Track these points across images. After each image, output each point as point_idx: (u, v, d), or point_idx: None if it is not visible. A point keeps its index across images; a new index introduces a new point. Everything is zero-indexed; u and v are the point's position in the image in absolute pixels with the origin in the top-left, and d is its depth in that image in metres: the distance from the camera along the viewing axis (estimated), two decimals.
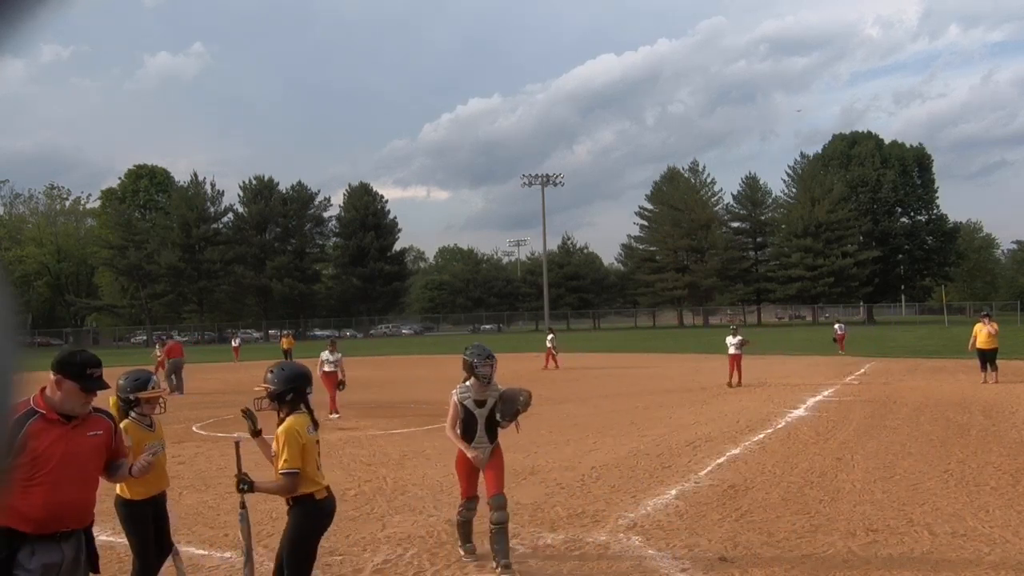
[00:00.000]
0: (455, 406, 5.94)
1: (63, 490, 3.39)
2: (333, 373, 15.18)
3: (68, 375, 3.43)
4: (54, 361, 3.46)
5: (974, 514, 6.82)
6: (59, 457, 3.36)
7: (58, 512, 3.38)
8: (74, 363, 3.47)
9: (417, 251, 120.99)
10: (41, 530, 3.32)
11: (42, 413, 3.38)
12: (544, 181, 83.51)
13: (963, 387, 17.14)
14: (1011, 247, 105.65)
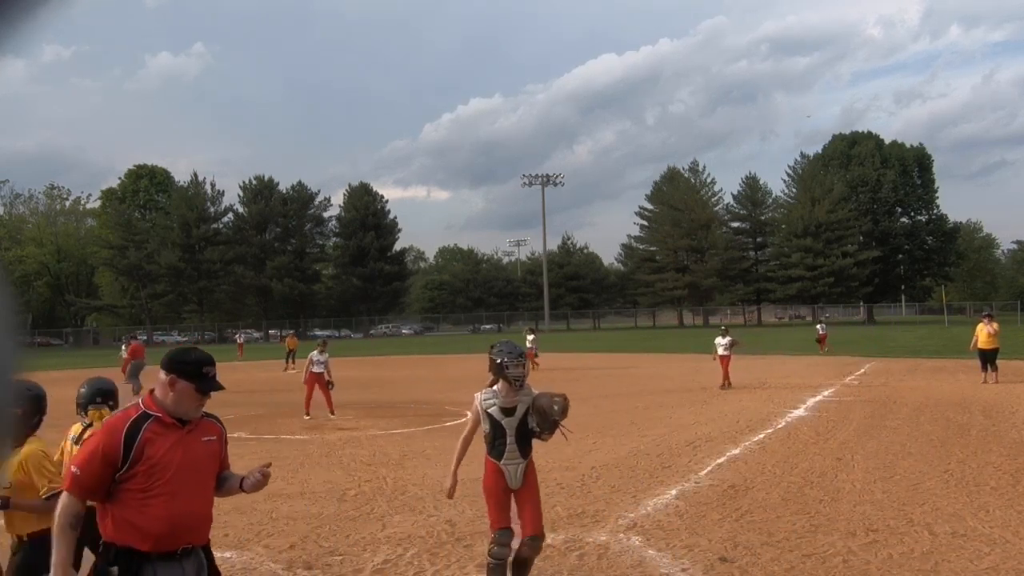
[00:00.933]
0: (476, 414, 5.11)
1: (183, 501, 3.13)
2: (320, 374, 15.13)
3: (182, 375, 3.19)
4: (166, 360, 3.22)
5: (974, 514, 6.82)
6: (177, 465, 3.09)
7: (179, 526, 3.11)
8: (189, 362, 3.26)
9: (417, 251, 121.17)
10: (161, 547, 3.05)
11: (157, 416, 3.11)
12: (544, 181, 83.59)
13: (963, 387, 17.14)
14: (1011, 247, 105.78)
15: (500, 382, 5.01)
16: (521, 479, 5.07)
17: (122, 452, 2.97)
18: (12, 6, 0.80)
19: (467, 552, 6.11)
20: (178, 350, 3.37)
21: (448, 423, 14.01)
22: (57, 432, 14.78)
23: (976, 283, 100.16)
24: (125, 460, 2.97)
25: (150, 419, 3.08)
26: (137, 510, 2.99)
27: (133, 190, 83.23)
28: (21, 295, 76.10)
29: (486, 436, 5.06)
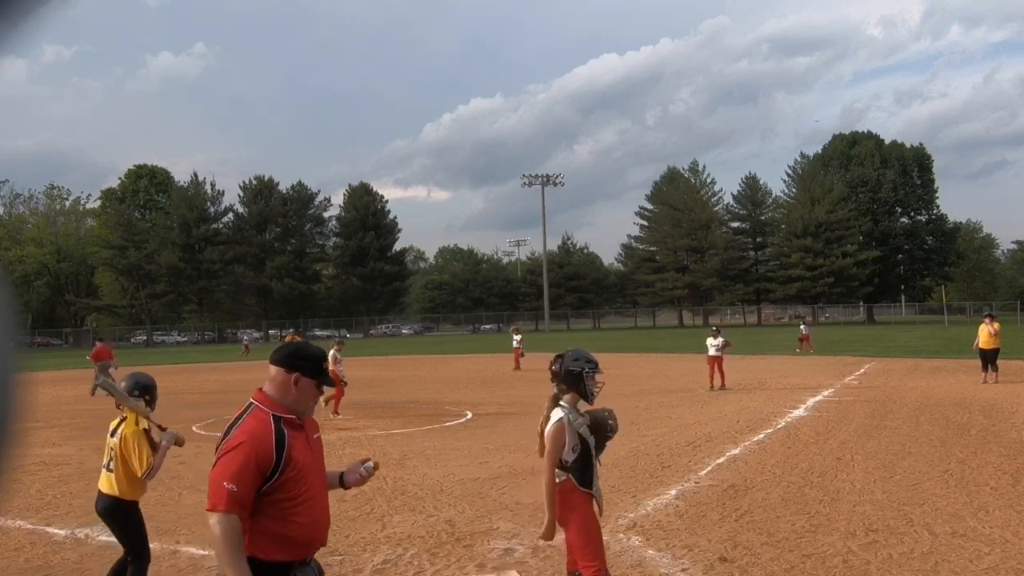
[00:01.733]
0: (563, 434, 4.18)
1: (317, 506, 2.98)
2: (336, 372, 15.27)
3: (306, 372, 2.97)
4: (285, 355, 3.01)
5: (974, 514, 6.82)
6: (309, 467, 2.93)
7: (317, 533, 3.00)
8: (310, 357, 3.04)
9: (417, 251, 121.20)
10: (303, 556, 2.95)
11: (287, 417, 2.91)
12: (544, 181, 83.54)
13: (963, 387, 17.14)
14: (1011, 247, 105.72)
15: (571, 395, 4.29)
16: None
17: (275, 460, 2.77)
18: (13, 6, 0.80)
19: (467, 552, 6.11)
20: (295, 346, 3.15)
21: (448, 423, 14.00)
22: (57, 432, 14.74)
23: (976, 283, 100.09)
24: (276, 468, 2.78)
25: (281, 421, 2.88)
26: (283, 520, 2.81)
27: (133, 190, 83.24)
28: (21, 295, 76.10)
29: (570, 463, 4.22)
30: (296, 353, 3.03)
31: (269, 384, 2.97)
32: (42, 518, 7.52)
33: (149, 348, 71.18)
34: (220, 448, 2.81)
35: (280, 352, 3.04)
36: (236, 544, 2.68)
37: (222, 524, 2.68)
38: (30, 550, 6.45)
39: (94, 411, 17.38)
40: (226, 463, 2.75)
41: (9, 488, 3.33)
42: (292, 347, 3.11)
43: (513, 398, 17.80)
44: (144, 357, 49.01)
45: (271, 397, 2.93)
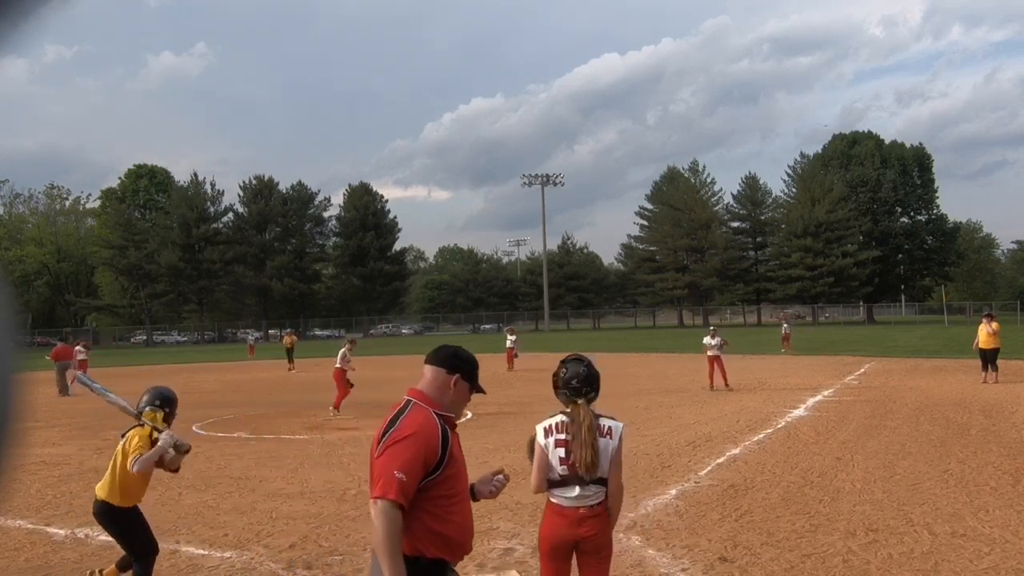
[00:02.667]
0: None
1: (468, 507, 2.96)
2: (344, 370, 15.39)
3: (465, 375, 2.96)
4: (447, 357, 2.98)
5: (974, 514, 6.82)
6: (462, 468, 2.93)
7: (469, 534, 2.95)
8: (470, 361, 3.02)
9: (417, 251, 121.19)
10: (459, 556, 2.90)
11: (446, 415, 2.91)
12: (544, 181, 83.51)
13: (963, 387, 17.14)
14: (1011, 247, 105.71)
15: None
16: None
17: (439, 455, 2.78)
18: (14, 6, 0.80)
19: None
20: (454, 348, 3.08)
21: None
22: (57, 432, 14.73)
23: (976, 283, 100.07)
24: (440, 464, 2.78)
25: (443, 419, 2.89)
26: (441, 519, 2.80)
27: (133, 190, 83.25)
28: (21, 295, 76.11)
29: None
30: (458, 355, 3.01)
31: (427, 384, 2.96)
32: (42, 518, 7.52)
33: (149, 348, 71.19)
34: (386, 439, 2.78)
35: (441, 353, 3.02)
36: (398, 536, 2.66)
37: (388, 513, 2.65)
38: (30, 550, 6.45)
39: (94, 411, 17.38)
40: (396, 452, 2.72)
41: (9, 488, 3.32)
42: (452, 349, 3.05)
43: (512, 398, 17.80)
44: (144, 357, 49.02)
45: (430, 396, 2.92)
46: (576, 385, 3.85)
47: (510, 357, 26.84)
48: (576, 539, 3.67)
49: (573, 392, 3.85)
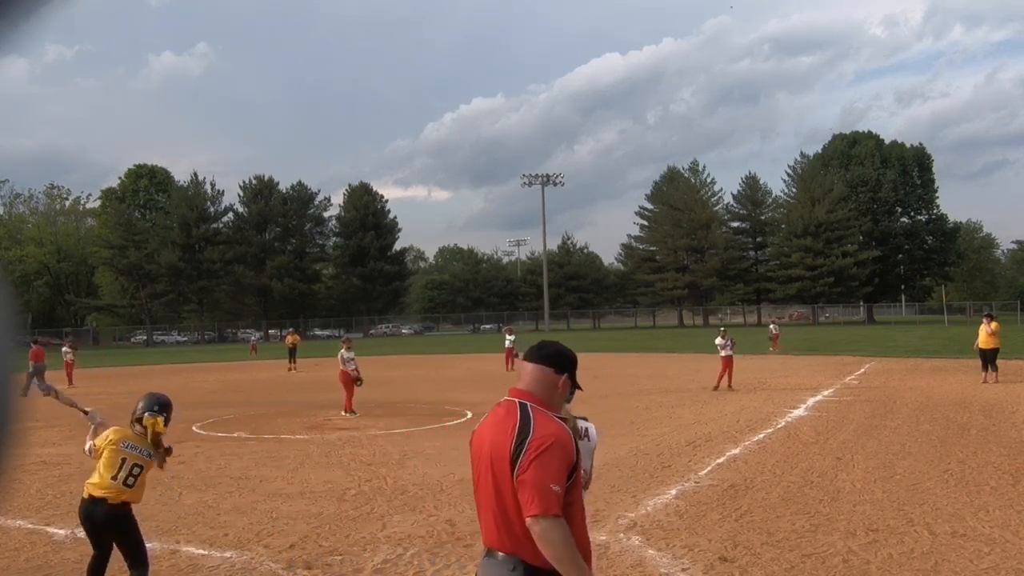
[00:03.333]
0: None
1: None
2: (348, 371, 15.34)
3: (571, 374, 2.83)
4: (553, 355, 2.82)
5: (974, 514, 6.82)
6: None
7: (589, 542, 2.81)
8: (574, 359, 2.89)
9: (417, 251, 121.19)
10: (589, 564, 2.72)
11: (561, 418, 2.77)
12: (544, 181, 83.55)
13: (963, 387, 17.14)
14: (1011, 247, 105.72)
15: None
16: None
17: (574, 461, 2.66)
18: (15, 5, 0.80)
19: (467, 552, 6.11)
20: (559, 345, 2.89)
21: (448, 423, 14.01)
22: (57, 432, 14.70)
23: (976, 283, 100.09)
24: (572, 470, 2.66)
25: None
26: (573, 525, 2.65)
27: (133, 190, 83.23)
28: (21, 295, 76.13)
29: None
30: (564, 354, 2.86)
31: (535, 384, 2.77)
32: (42, 518, 7.52)
33: (149, 348, 71.21)
34: (527, 449, 2.58)
35: (547, 351, 2.84)
36: (575, 546, 2.56)
37: (559, 528, 2.52)
38: (30, 550, 6.45)
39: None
40: (546, 464, 2.56)
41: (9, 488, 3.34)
42: (557, 346, 2.89)
43: None
44: (144, 357, 49.02)
45: (542, 398, 2.75)
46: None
47: (509, 357, 26.84)
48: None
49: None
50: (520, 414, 2.69)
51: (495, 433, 2.71)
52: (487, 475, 2.70)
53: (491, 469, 2.67)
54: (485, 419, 2.85)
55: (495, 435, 2.70)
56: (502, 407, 2.77)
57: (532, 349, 2.88)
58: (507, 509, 2.62)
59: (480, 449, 2.77)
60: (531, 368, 2.81)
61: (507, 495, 2.61)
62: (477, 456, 2.79)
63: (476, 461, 2.79)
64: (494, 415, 2.78)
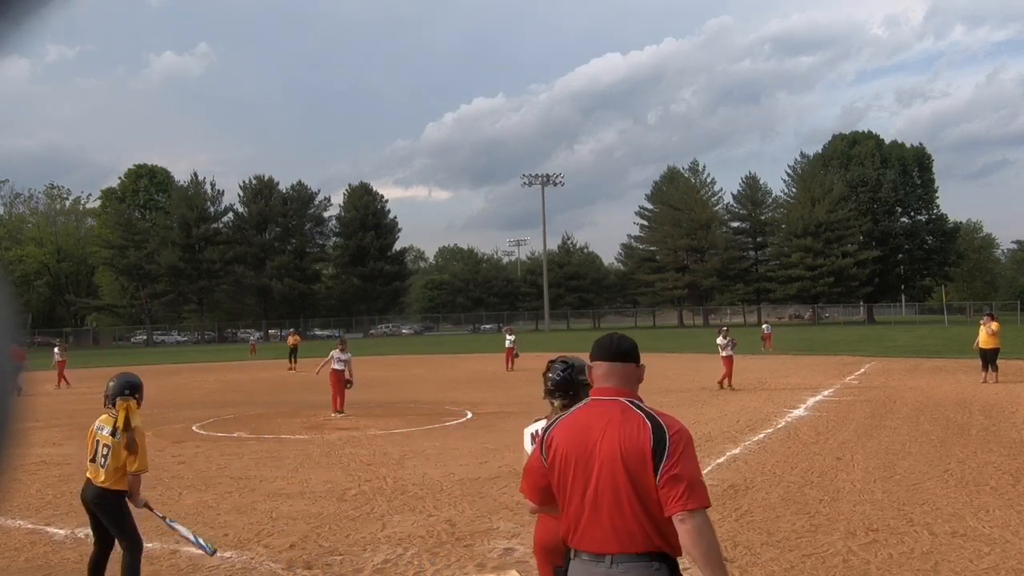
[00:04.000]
0: None
1: None
2: (340, 371, 15.29)
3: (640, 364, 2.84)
4: (632, 348, 2.79)
5: (974, 514, 6.82)
6: None
7: None
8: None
9: (417, 251, 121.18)
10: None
11: None
12: (544, 181, 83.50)
13: (963, 387, 17.15)
14: (1011, 247, 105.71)
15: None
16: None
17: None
18: (15, 5, 0.80)
19: (467, 552, 6.11)
20: (624, 337, 2.85)
21: (448, 423, 14.01)
22: (57, 432, 14.67)
23: (976, 283, 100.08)
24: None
25: None
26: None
27: (133, 190, 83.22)
28: (21, 295, 76.13)
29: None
30: (636, 346, 2.84)
31: (625, 381, 2.75)
32: (42, 518, 7.52)
33: (149, 348, 71.20)
34: (671, 445, 2.55)
35: (625, 346, 2.79)
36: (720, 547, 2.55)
37: (709, 522, 2.51)
38: (30, 550, 6.45)
39: (94, 411, 17.38)
40: (691, 457, 2.57)
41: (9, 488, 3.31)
42: (629, 340, 2.84)
43: (513, 398, 17.80)
44: (144, 357, 49.01)
45: (635, 392, 2.77)
46: (550, 388, 3.82)
47: (509, 357, 26.82)
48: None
49: (549, 394, 3.83)
50: (643, 413, 2.67)
51: (623, 434, 2.59)
52: (609, 478, 2.56)
53: (623, 471, 2.55)
54: (576, 422, 2.69)
55: (623, 436, 2.59)
56: (612, 408, 2.66)
57: (605, 347, 2.77)
58: (648, 508, 2.52)
59: (586, 453, 2.61)
60: (617, 366, 2.75)
61: (645, 493, 2.52)
62: (582, 460, 2.61)
63: (579, 466, 2.62)
64: (600, 417, 2.65)
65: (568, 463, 2.64)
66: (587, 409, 2.72)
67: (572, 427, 2.70)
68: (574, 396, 3.70)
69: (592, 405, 2.73)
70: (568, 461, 2.64)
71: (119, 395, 5.13)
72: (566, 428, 2.71)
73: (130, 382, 5.24)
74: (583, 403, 2.78)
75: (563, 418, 2.77)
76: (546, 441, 2.74)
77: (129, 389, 5.18)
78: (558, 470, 2.67)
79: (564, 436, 2.69)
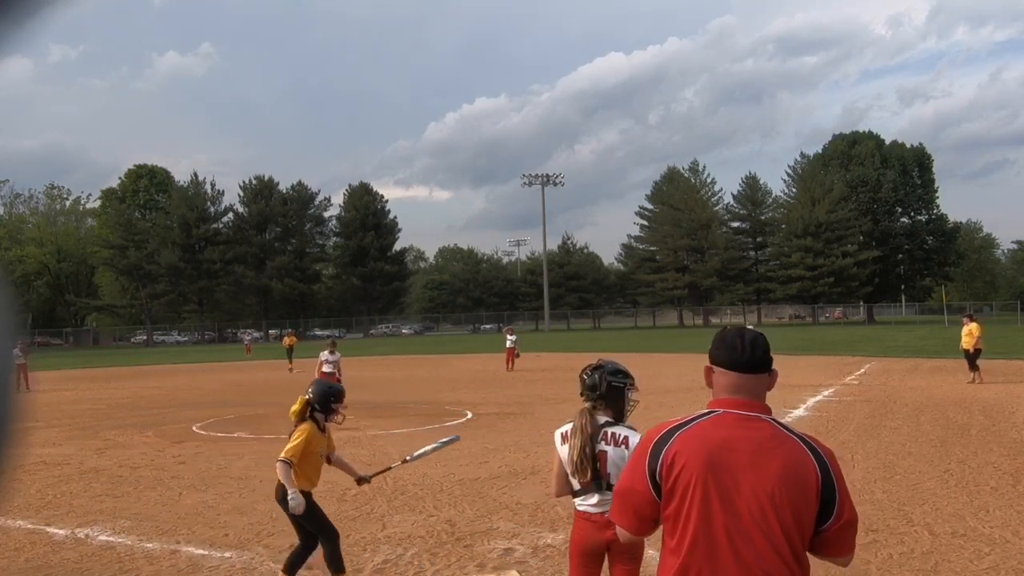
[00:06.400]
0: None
1: None
2: (331, 374, 15.22)
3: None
4: (766, 355, 2.33)
5: (974, 514, 6.82)
6: None
7: None
8: None
9: (417, 251, 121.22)
10: None
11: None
12: (544, 181, 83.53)
13: (963, 387, 17.15)
14: (1011, 247, 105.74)
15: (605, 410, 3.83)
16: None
17: None
18: (18, 5, 0.80)
19: (467, 552, 6.11)
20: (760, 334, 2.43)
21: (448, 423, 14.01)
22: (57, 432, 14.65)
23: (976, 283, 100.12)
24: None
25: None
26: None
27: (133, 190, 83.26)
28: (21, 295, 76.12)
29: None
30: (769, 347, 2.43)
31: (760, 393, 2.31)
32: (42, 518, 7.52)
33: (149, 348, 71.20)
34: (838, 486, 2.18)
35: (761, 351, 2.32)
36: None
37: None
38: (30, 550, 6.45)
39: (94, 411, 17.39)
40: (850, 496, 2.26)
41: (9, 488, 3.34)
42: (763, 340, 2.41)
43: (512, 398, 17.80)
44: (144, 357, 49.01)
45: (766, 404, 2.34)
46: (582, 390, 3.91)
47: (510, 357, 26.81)
48: (607, 542, 3.65)
49: (583, 395, 3.91)
50: (797, 438, 2.24)
51: (782, 465, 2.17)
52: (759, 514, 2.14)
53: (778, 508, 2.14)
54: (708, 440, 2.22)
55: (783, 468, 2.16)
56: (758, 428, 2.23)
57: (739, 354, 2.31)
58: (797, 550, 2.16)
59: (729, 481, 2.18)
60: (753, 378, 2.30)
61: (801, 534, 2.16)
62: (723, 490, 2.18)
63: (715, 495, 2.18)
64: (744, 438, 2.21)
65: (701, 492, 2.18)
66: (721, 425, 2.24)
67: (703, 446, 2.21)
68: (600, 397, 3.80)
69: (727, 421, 2.24)
70: (701, 490, 2.18)
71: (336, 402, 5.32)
72: (695, 447, 2.22)
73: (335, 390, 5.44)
74: (709, 416, 2.29)
75: (683, 432, 2.27)
76: (663, 459, 2.24)
77: (333, 397, 5.35)
78: (681, 498, 2.22)
79: (691, 457, 2.21)
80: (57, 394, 21.84)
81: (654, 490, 2.26)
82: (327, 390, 5.32)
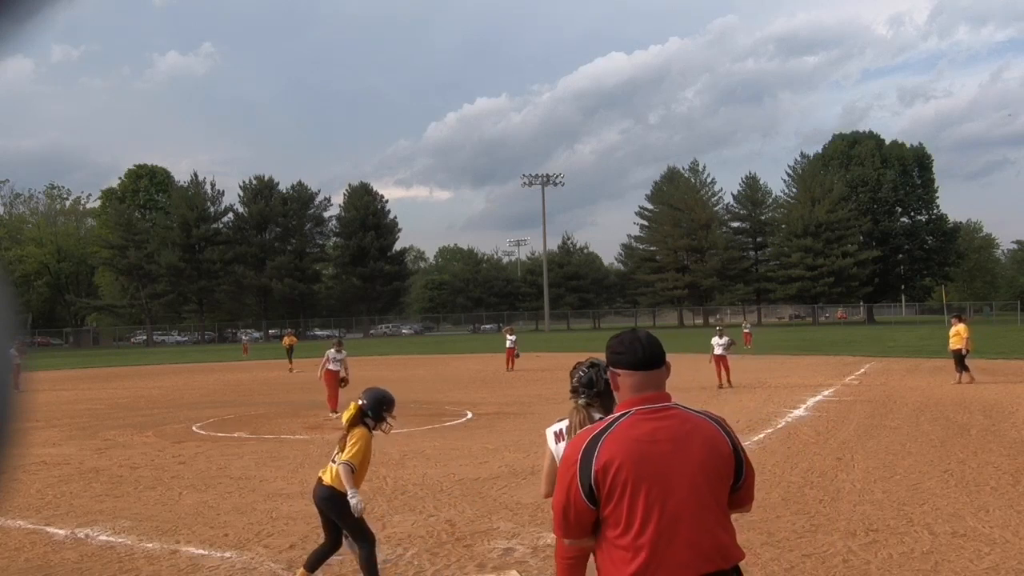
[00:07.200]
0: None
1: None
2: (336, 371, 15.25)
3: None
4: (660, 351, 2.59)
5: (974, 514, 6.82)
6: None
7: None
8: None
9: (417, 251, 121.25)
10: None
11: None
12: (544, 181, 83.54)
13: (963, 387, 17.16)
14: (1011, 247, 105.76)
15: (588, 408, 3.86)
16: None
17: None
18: (19, 5, 0.80)
19: (467, 552, 6.11)
20: (655, 340, 2.60)
21: (448, 423, 14.01)
22: (57, 432, 14.65)
23: (976, 283, 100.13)
24: None
25: None
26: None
27: (133, 190, 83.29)
28: (21, 295, 76.11)
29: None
30: (660, 343, 2.69)
31: (660, 385, 2.59)
32: (42, 518, 7.51)
33: (149, 348, 71.20)
34: (740, 447, 2.63)
35: (655, 348, 2.57)
36: None
37: None
38: (30, 550, 6.45)
39: (94, 411, 17.39)
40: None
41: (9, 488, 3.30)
42: (655, 339, 2.62)
43: (513, 398, 17.80)
44: (144, 357, 49.01)
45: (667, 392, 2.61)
46: (575, 385, 3.91)
47: (510, 357, 26.81)
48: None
49: (574, 392, 3.91)
50: (701, 415, 2.60)
51: (701, 443, 2.40)
52: (692, 494, 2.32)
53: (706, 483, 2.36)
54: (632, 438, 2.34)
55: (703, 445, 2.40)
56: (670, 417, 2.43)
57: (636, 355, 2.50)
58: (727, 517, 2.45)
59: (660, 471, 2.31)
60: (652, 374, 2.51)
61: (724, 501, 2.47)
62: (657, 480, 2.31)
63: (653, 487, 2.30)
64: (662, 429, 2.38)
65: (638, 487, 2.29)
66: (639, 422, 2.38)
67: (630, 445, 2.32)
68: (597, 395, 3.80)
69: (643, 416, 2.40)
70: (638, 485, 2.29)
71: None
72: (623, 448, 2.32)
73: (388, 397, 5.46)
74: (624, 416, 2.42)
75: (607, 437, 2.36)
76: (596, 466, 2.32)
77: (386, 406, 5.38)
78: (620, 496, 2.30)
79: (624, 458, 2.30)
80: (57, 394, 21.83)
81: (589, 499, 2.33)
82: (381, 397, 5.36)
